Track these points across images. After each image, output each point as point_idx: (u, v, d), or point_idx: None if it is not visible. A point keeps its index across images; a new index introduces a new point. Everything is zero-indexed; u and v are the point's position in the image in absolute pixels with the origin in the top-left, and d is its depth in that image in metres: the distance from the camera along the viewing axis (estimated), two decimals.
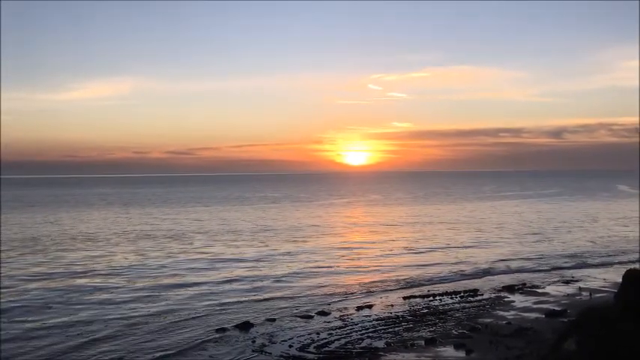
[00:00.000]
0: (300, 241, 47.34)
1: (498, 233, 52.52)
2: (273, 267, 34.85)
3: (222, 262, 36.57)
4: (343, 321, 22.32)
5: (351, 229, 58.26)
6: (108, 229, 58.63)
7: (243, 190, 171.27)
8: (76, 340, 19.44)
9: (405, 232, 54.82)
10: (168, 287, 28.57)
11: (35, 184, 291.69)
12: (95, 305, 24.54)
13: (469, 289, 28.03)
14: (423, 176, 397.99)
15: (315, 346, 18.98)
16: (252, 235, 51.68)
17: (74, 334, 20.24)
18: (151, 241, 47.58)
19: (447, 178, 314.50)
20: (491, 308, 24.30)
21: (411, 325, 21.45)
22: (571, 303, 24.71)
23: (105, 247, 43.85)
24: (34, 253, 40.52)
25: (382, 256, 39.62)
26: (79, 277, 31.36)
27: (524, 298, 26.32)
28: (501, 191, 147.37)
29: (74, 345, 19.00)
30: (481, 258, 38.15)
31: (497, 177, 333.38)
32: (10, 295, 26.35)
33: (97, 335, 20.04)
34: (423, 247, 43.67)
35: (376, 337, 20.00)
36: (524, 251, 41.30)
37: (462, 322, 21.92)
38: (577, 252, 40.91)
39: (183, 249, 42.78)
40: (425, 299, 26.18)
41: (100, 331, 20.59)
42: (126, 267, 34.70)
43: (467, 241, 46.66)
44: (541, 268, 34.92)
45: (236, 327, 21.46)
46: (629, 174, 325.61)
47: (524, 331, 20.15)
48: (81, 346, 18.89)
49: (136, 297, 26.34)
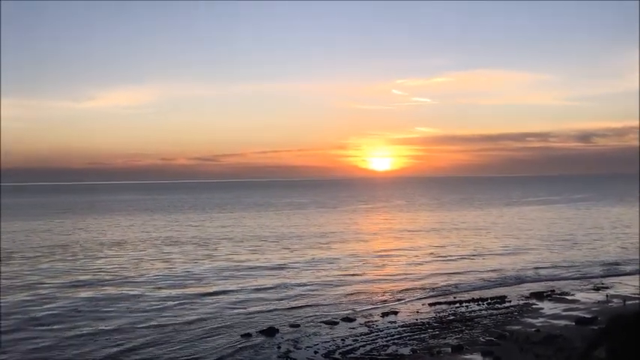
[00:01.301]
0: (325, 248, 47.31)
1: (526, 240, 51.78)
2: (297, 273, 34.89)
3: (247, 269, 36.74)
4: (368, 327, 22.20)
5: (376, 236, 58.03)
6: (135, 235, 59.40)
7: (267, 196, 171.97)
8: (110, 349, 19.43)
9: (431, 238, 54.40)
10: (195, 294, 28.75)
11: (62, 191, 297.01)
12: (125, 313, 24.59)
13: (496, 296, 27.65)
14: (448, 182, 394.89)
15: (341, 352, 18.92)
16: (277, 242, 51.83)
17: (108, 343, 20.21)
18: (176, 248, 48.05)
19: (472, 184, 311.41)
20: (520, 315, 23.94)
21: (437, 332, 21.24)
22: (602, 310, 24.19)
23: (132, 254, 44.42)
24: (64, 260, 41.24)
25: (407, 262, 39.36)
26: (108, 284, 31.73)
27: (554, 305, 25.87)
28: (528, 197, 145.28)
29: (111, 353, 19.02)
30: (509, 265, 37.63)
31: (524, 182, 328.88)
32: (41, 303, 26.66)
33: (131, 344, 19.98)
34: (449, 253, 43.27)
35: (402, 343, 19.85)
36: (553, 258, 40.64)
37: (490, 329, 21.63)
38: (608, 258, 40.09)
39: (208, 255, 43.10)
40: (451, 306, 25.91)
41: (132, 340, 20.53)
42: (153, 274, 35.06)
43: (494, 248, 46.10)
44: (571, 274, 34.30)
45: (261, 332, 21.51)
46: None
47: (553, 338, 19.80)
48: (117, 355, 18.93)
49: (164, 304, 26.51)
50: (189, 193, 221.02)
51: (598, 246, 46.54)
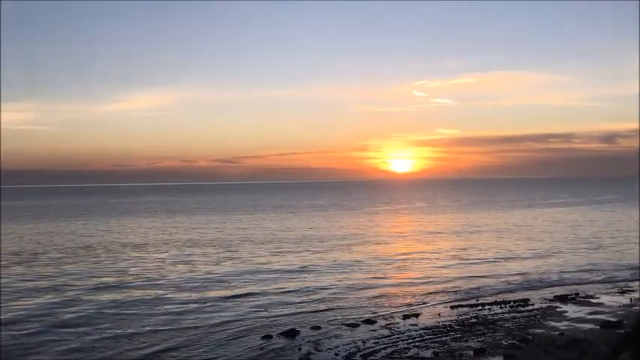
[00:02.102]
0: (346, 250, 47.27)
1: (550, 242, 51.14)
2: (318, 275, 34.90)
3: (267, 271, 36.84)
4: (390, 330, 22.12)
5: (397, 238, 57.81)
6: (157, 237, 59.98)
7: (287, 198, 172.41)
8: (134, 352, 19.45)
9: (452, 240, 54.03)
10: (216, 297, 28.87)
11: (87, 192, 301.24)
12: (148, 316, 24.61)
13: (519, 299, 27.35)
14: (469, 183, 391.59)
15: (362, 354, 18.88)
16: (297, 244, 51.91)
17: (132, 346, 20.22)
18: (198, 249, 48.41)
19: (494, 185, 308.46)
20: (543, 318, 23.65)
21: (459, 335, 21.08)
22: (627, 314, 23.79)
23: (154, 256, 44.87)
24: (87, 262, 41.82)
25: (429, 265, 39.14)
26: (131, 286, 31.91)
27: (578, 309, 25.51)
28: (551, 198, 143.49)
29: (135, 358, 19.05)
30: (532, 267, 37.21)
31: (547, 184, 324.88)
32: (67, 305, 26.83)
33: (154, 347, 19.91)
34: (470, 256, 42.93)
35: (423, 346, 19.74)
36: (577, 261, 40.09)
37: (512, 332, 21.40)
38: (634, 262, 39.38)
39: (229, 257, 43.33)
40: (473, 308, 25.69)
41: (155, 343, 20.44)
42: (175, 276, 35.32)
43: (517, 251, 45.62)
44: (595, 277, 33.79)
45: (282, 334, 21.56)
46: None
47: (577, 342, 19.51)
48: (140, 359, 18.98)
49: (186, 307, 26.61)
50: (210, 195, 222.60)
51: (623, 249, 45.77)
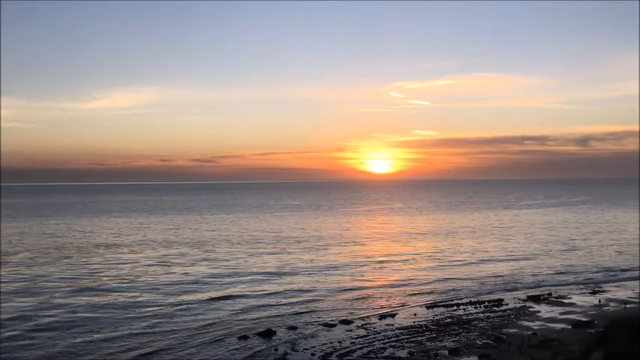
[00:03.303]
0: (323, 250, 47.29)
1: (524, 243, 51.83)
2: (295, 277, 34.85)
3: (243, 271, 36.70)
4: (366, 330, 22.20)
5: (374, 239, 58.01)
6: (131, 237, 59.31)
7: (266, 198, 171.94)
8: (118, 356, 19.02)
9: (429, 241, 54.42)
10: (192, 299, 28.69)
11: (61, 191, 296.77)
12: (121, 320, 24.04)
13: (493, 299, 27.69)
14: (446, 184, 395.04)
15: (338, 354, 18.91)
16: (275, 244, 51.79)
17: (114, 349, 19.72)
18: (173, 250, 47.99)
19: (471, 187, 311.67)
20: (516, 318, 23.96)
21: (435, 335, 21.25)
22: (598, 314, 24.23)
23: (129, 256, 44.35)
24: (60, 263, 41.15)
25: (405, 266, 39.36)
26: (106, 288, 31.42)
27: (550, 309, 25.90)
28: (527, 200, 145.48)
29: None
30: (506, 268, 37.66)
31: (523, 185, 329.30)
32: (40, 308, 26.09)
33: (137, 352, 19.47)
34: (446, 256, 43.29)
35: (399, 346, 19.85)
36: (550, 262, 40.68)
37: (487, 332, 21.63)
38: (605, 262, 40.15)
39: (205, 258, 43.03)
40: (448, 308, 25.92)
41: (136, 347, 19.97)
42: (150, 278, 34.98)
43: (491, 251, 46.13)
44: (568, 278, 34.33)
45: (258, 335, 21.49)
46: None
47: (550, 342, 19.81)
48: None
49: (162, 309, 26.43)
50: (188, 194, 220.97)
51: (595, 250, 46.58)
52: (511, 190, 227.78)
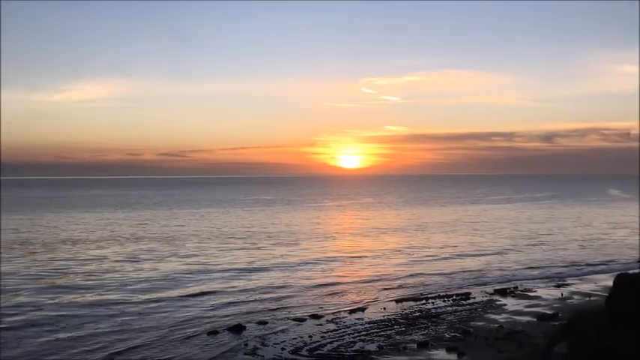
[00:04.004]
0: (293, 245, 47.33)
1: (491, 237, 52.73)
2: (265, 272, 34.82)
3: (213, 266, 36.51)
4: (336, 324, 22.34)
5: (345, 234, 58.28)
6: (99, 232, 58.39)
7: (235, 193, 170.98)
8: (86, 357, 18.64)
9: (398, 236, 54.93)
10: (160, 294, 28.42)
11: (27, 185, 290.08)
12: (91, 318, 23.59)
13: (461, 293, 28.15)
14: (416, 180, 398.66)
15: (308, 349, 18.99)
16: (245, 239, 51.61)
17: (80, 349, 19.30)
18: (142, 245, 47.43)
19: (440, 182, 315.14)
20: (483, 311, 24.41)
21: (404, 329, 21.51)
22: (562, 307, 24.85)
23: (96, 252, 43.67)
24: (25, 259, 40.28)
25: (375, 260, 39.67)
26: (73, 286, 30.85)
27: (516, 302, 26.45)
28: (494, 195, 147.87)
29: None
30: (474, 262, 38.29)
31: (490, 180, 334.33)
32: (9, 308, 25.22)
33: (105, 352, 19.13)
34: (415, 251, 43.78)
35: (368, 340, 20.03)
36: (516, 256, 41.51)
37: (454, 325, 22.00)
38: (569, 256, 41.13)
39: (175, 253, 42.64)
40: (417, 302, 26.25)
41: (104, 347, 19.64)
42: (119, 274, 34.53)
43: (459, 246, 46.81)
44: (533, 272, 35.08)
45: (228, 330, 21.43)
46: (619, 178, 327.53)
47: (515, 334, 20.24)
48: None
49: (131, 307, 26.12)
50: (156, 189, 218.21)
51: (560, 245, 47.67)
52: (479, 186, 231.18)
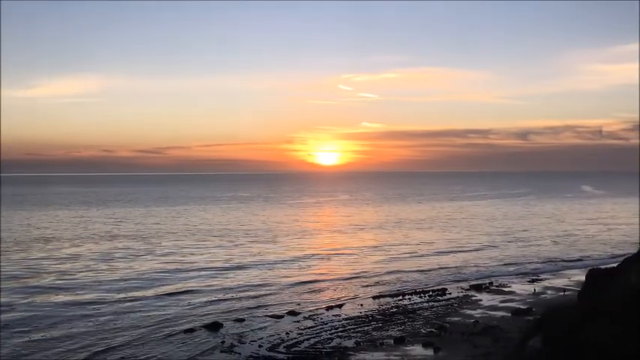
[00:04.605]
0: (271, 243, 47.21)
1: (467, 234, 53.26)
2: (241, 268, 34.69)
3: (190, 264, 36.24)
4: (313, 321, 22.37)
5: (322, 231, 58.34)
6: (73, 230, 57.53)
7: (212, 190, 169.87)
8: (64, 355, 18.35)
9: (376, 233, 55.17)
10: (136, 293, 28.07)
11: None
12: (66, 318, 23.10)
13: (437, 289, 28.40)
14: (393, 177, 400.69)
15: (285, 345, 18.98)
16: (221, 237, 51.34)
17: (58, 348, 18.96)
18: (117, 243, 46.85)
19: (417, 179, 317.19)
20: (459, 307, 24.65)
21: (380, 325, 21.62)
22: (536, 301, 25.22)
23: (70, 250, 42.99)
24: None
25: (353, 257, 39.78)
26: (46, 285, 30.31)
27: (491, 297, 26.77)
28: (470, 192, 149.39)
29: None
30: (450, 259, 38.64)
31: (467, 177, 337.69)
32: None
33: (87, 351, 19.02)
34: (392, 248, 44.01)
35: (345, 336, 20.09)
36: (492, 252, 42.00)
37: (431, 320, 22.18)
38: (544, 252, 41.76)
39: (150, 251, 42.21)
40: (394, 299, 26.41)
41: (82, 348, 19.25)
42: (93, 273, 34.08)
43: (436, 242, 47.19)
44: (509, 267, 35.54)
45: (204, 327, 21.30)
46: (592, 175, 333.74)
47: (490, 329, 20.48)
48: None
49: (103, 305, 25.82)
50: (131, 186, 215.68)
51: (535, 241, 48.35)
52: (455, 182, 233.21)
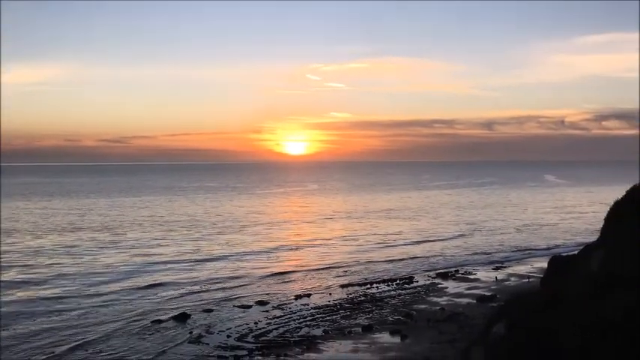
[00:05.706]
0: (239, 234, 47.00)
1: (434, 223, 53.95)
2: (210, 260, 34.48)
3: (157, 257, 35.85)
4: (282, 310, 22.41)
5: (290, 221, 58.33)
6: (35, 222, 56.23)
7: (178, 180, 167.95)
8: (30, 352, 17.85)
9: (344, 223, 55.44)
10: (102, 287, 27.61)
11: None
12: (28, 315, 22.58)
13: (404, 277, 28.75)
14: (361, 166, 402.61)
15: (254, 335, 18.98)
16: (188, 227, 50.90)
17: (26, 347, 18.31)
18: (81, 234, 46.01)
19: (385, 168, 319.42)
20: (426, 295, 25.02)
21: (349, 313, 21.80)
22: (500, 288, 25.76)
23: (31, 243, 42.03)
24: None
25: (321, 247, 39.94)
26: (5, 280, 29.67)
27: (457, 285, 27.24)
28: (436, 181, 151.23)
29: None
30: (418, 248, 39.11)
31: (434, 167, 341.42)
32: None
33: (54, 349, 18.68)
34: (360, 237, 44.31)
35: (314, 325, 20.20)
36: (459, 240, 42.66)
37: (398, 308, 22.46)
38: (508, 240, 42.60)
39: (115, 243, 41.58)
40: (362, 287, 26.64)
41: (47, 345, 18.73)
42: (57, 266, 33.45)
43: (405, 232, 47.68)
44: (474, 256, 36.16)
45: (172, 318, 21.14)
46: (554, 164, 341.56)
47: (456, 316, 20.86)
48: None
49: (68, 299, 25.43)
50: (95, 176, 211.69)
51: (499, 228, 49.30)
52: (423, 172, 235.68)
